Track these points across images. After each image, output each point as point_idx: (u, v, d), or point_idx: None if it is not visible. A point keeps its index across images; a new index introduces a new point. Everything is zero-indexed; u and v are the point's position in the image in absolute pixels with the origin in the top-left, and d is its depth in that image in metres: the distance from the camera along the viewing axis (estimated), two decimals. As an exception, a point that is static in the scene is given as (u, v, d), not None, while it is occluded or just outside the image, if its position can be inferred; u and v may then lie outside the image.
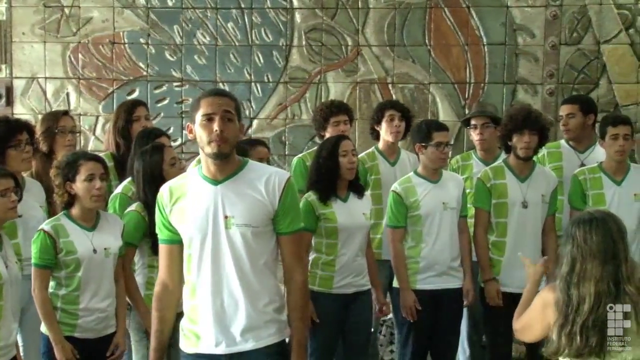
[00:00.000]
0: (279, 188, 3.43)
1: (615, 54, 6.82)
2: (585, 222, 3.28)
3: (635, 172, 5.32)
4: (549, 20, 6.92)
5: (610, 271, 3.23)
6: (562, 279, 3.26)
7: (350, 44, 7.21)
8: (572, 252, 3.26)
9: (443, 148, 5.19)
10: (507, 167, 5.31)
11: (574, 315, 3.23)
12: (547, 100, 6.93)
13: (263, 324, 3.44)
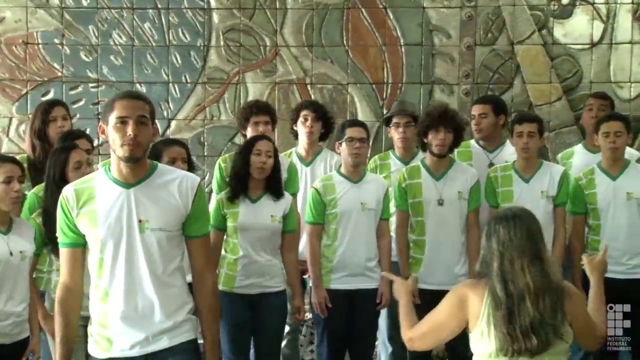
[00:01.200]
0: (192, 192, 3.44)
1: (529, 55, 6.94)
2: (507, 219, 3.31)
3: (544, 170, 5.39)
4: (464, 21, 7.01)
5: (538, 268, 3.25)
6: (496, 274, 3.26)
7: (268, 44, 7.20)
8: (499, 249, 3.28)
9: (355, 143, 5.18)
10: (423, 166, 5.35)
11: (518, 312, 3.22)
12: (463, 100, 7.02)
13: (177, 324, 3.44)
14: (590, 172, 5.36)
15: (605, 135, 5.24)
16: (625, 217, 5.22)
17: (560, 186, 5.33)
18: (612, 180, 5.28)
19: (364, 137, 5.25)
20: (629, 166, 5.33)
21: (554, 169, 5.44)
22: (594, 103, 5.91)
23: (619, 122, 5.28)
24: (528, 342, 3.21)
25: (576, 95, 6.90)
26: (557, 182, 5.34)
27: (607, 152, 5.26)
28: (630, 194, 5.22)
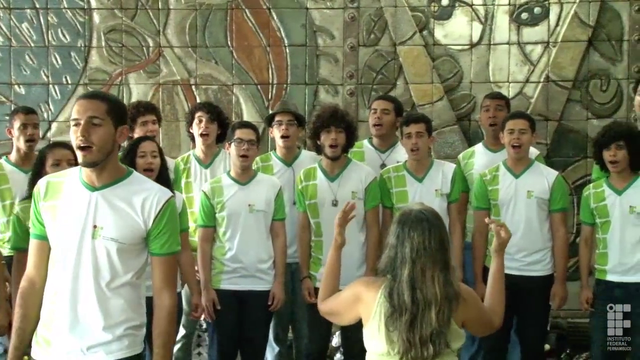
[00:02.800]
0: (156, 208, 3.30)
1: (411, 55, 7.04)
2: (421, 223, 3.29)
3: (436, 168, 5.48)
4: (347, 22, 7.06)
5: (445, 277, 3.26)
6: (406, 280, 3.24)
7: (151, 45, 7.12)
8: (412, 256, 3.25)
9: (243, 145, 5.17)
10: (319, 167, 5.38)
11: (421, 320, 3.22)
12: (347, 100, 7.07)
13: (116, 338, 3.31)
14: (495, 169, 5.46)
15: (510, 132, 5.33)
16: (524, 215, 5.33)
17: (453, 183, 5.43)
18: (514, 177, 5.38)
19: (253, 139, 5.24)
20: (532, 165, 5.44)
21: (446, 167, 5.53)
22: (490, 103, 6.00)
23: (524, 120, 5.39)
24: (425, 351, 3.22)
25: (457, 95, 7.03)
26: (450, 179, 5.44)
27: (511, 149, 5.35)
28: (531, 193, 5.33)
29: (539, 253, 5.29)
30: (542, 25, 6.91)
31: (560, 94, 6.91)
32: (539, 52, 6.92)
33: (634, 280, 5.11)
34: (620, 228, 5.14)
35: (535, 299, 5.28)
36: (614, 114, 6.79)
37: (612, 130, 5.19)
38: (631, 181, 5.17)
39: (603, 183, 5.25)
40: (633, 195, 5.14)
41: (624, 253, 5.13)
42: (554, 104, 6.91)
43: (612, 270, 5.16)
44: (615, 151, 5.10)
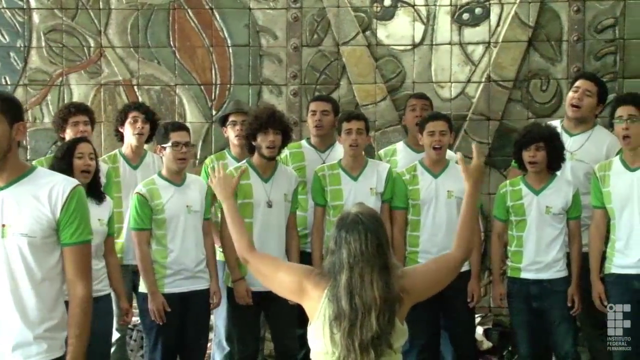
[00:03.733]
0: (62, 197, 3.27)
1: (354, 56, 7.06)
2: (357, 227, 3.25)
3: (371, 167, 5.52)
4: (291, 22, 7.06)
5: (385, 280, 3.23)
6: (344, 287, 3.20)
7: (92, 45, 7.06)
8: (349, 261, 3.21)
9: (181, 148, 5.16)
10: (251, 167, 5.36)
11: (361, 326, 3.18)
12: (291, 100, 7.08)
13: (34, 341, 3.26)
14: (413, 169, 5.50)
15: (430, 134, 5.38)
16: (445, 215, 5.39)
17: (387, 183, 5.47)
18: (434, 177, 5.44)
19: (189, 141, 5.25)
20: (449, 165, 5.50)
21: (381, 167, 5.58)
22: (416, 103, 6.06)
23: (444, 121, 5.45)
24: (365, 356, 3.20)
25: (400, 95, 7.05)
26: (384, 179, 5.48)
27: (432, 151, 5.40)
28: (451, 193, 5.39)
29: None
30: (483, 26, 6.98)
31: (501, 93, 6.98)
32: (480, 53, 6.99)
33: (548, 277, 5.25)
34: (537, 227, 5.26)
35: (458, 297, 5.33)
36: (553, 113, 6.86)
37: (533, 131, 5.29)
38: (548, 182, 5.29)
39: (520, 182, 5.34)
40: (550, 195, 5.26)
41: (539, 252, 5.25)
42: (495, 103, 6.97)
43: (527, 268, 5.27)
44: (535, 152, 5.20)
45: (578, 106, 5.63)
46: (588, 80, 5.68)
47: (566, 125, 5.69)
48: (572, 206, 5.27)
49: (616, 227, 5.15)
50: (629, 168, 5.13)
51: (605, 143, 5.58)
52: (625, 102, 5.16)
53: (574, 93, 5.66)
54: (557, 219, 5.26)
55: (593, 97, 5.62)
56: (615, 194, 5.14)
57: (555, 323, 5.25)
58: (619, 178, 5.13)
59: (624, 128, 5.05)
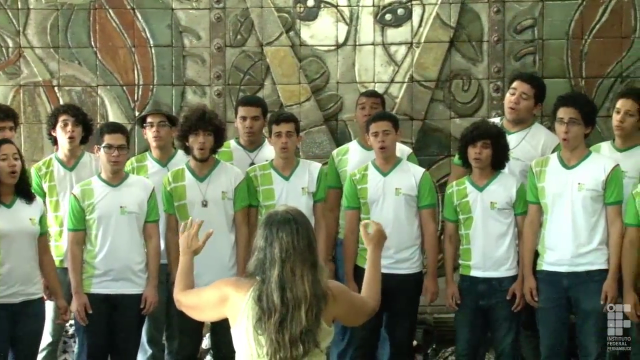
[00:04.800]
0: None
1: (278, 56, 7.05)
2: (289, 223, 3.28)
3: (302, 167, 5.56)
4: (214, 22, 7.02)
5: (314, 275, 3.26)
6: (275, 281, 3.22)
7: (11, 45, 6.94)
8: (281, 256, 3.24)
9: (113, 151, 5.17)
10: (187, 168, 5.40)
11: (291, 320, 3.21)
12: (215, 101, 7.03)
13: None
14: (364, 169, 5.55)
15: (374, 135, 5.42)
16: (392, 212, 5.43)
17: (319, 182, 5.51)
18: (382, 176, 5.48)
19: (122, 143, 5.25)
20: (399, 163, 5.55)
21: (312, 166, 5.63)
22: (366, 101, 6.09)
23: (386, 121, 5.49)
24: (295, 351, 3.22)
25: (324, 95, 7.06)
26: (316, 178, 5.52)
27: (378, 150, 5.45)
28: (399, 190, 5.44)
29: (407, 250, 5.41)
30: (405, 27, 7.02)
31: (424, 93, 7.03)
32: (403, 53, 7.03)
33: (497, 275, 5.31)
34: (483, 224, 5.32)
35: (405, 297, 5.38)
36: (475, 113, 6.93)
37: (481, 128, 5.36)
38: (492, 178, 5.35)
39: (465, 180, 5.40)
40: (494, 191, 5.33)
41: (487, 248, 5.31)
42: (418, 103, 7.02)
43: (476, 265, 5.33)
44: (481, 149, 5.26)
45: (515, 109, 5.69)
46: (524, 82, 5.74)
47: (505, 124, 5.76)
48: (517, 201, 5.34)
49: (548, 223, 5.24)
50: (566, 166, 5.23)
51: (541, 142, 5.67)
52: (565, 104, 5.23)
53: (511, 95, 5.72)
54: (503, 215, 5.33)
55: (529, 99, 5.70)
56: (549, 190, 5.22)
57: (499, 321, 5.32)
58: (555, 175, 5.22)
59: (564, 131, 5.14)
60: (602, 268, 5.13)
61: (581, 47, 6.89)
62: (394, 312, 5.39)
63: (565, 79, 6.89)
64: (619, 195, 5.15)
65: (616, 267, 5.11)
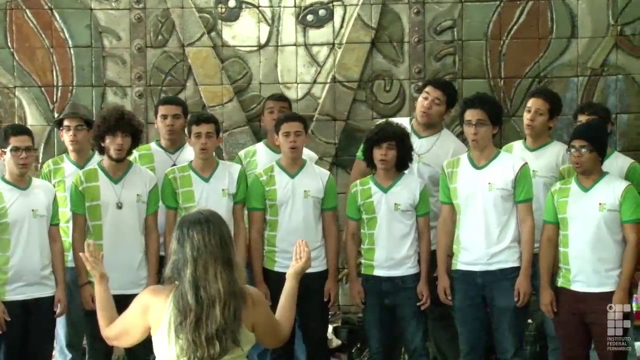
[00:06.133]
0: None
1: (200, 57, 7.02)
2: (200, 223, 3.28)
3: (222, 168, 5.53)
4: (134, 23, 6.97)
5: (228, 273, 3.25)
6: (189, 281, 3.22)
7: None
8: (193, 255, 3.23)
9: (20, 153, 5.07)
10: (100, 169, 5.33)
11: (206, 319, 3.20)
12: (136, 102, 6.99)
13: None
14: (270, 169, 5.52)
15: (285, 135, 5.41)
16: (301, 214, 5.43)
17: (239, 184, 5.48)
18: (291, 178, 5.47)
19: (29, 145, 5.15)
20: (305, 165, 5.55)
21: (232, 168, 5.60)
22: (274, 105, 6.08)
23: (299, 122, 5.49)
24: (212, 349, 3.21)
25: (247, 96, 7.07)
26: (236, 179, 5.49)
27: (288, 150, 5.44)
28: (307, 192, 5.44)
29: (316, 250, 5.41)
30: (327, 27, 7.04)
31: (346, 94, 7.06)
32: (325, 54, 7.05)
33: (400, 274, 5.36)
34: (387, 224, 5.37)
35: (314, 295, 5.39)
36: (397, 113, 6.97)
37: (386, 129, 5.40)
38: (396, 179, 5.41)
39: (370, 180, 5.45)
40: (398, 192, 5.38)
41: (391, 248, 5.36)
42: (341, 104, 7.05)
43: (379, 265, 5.38)
44: (387, 150, 5.31)
45: (427, 114, 5.74)
46: (437, 88, 5.78)
47: (415, 127, 5.80)
48: (419, 203, 5.39)
49: (461, 223, 5.30)
50: (475, 166, 5.28)
51: (451, 149, 5.73)
52: (472, 105, 5.28)
53: (424, 100, 5.75)
54: (406, 216, 5.38)
55: (442, 105, 5.74)
56: (461, 190, 5.28)
57: (406, 319, 5.37)
58: (465, 175, 5.28)
59: (473, 133, 5.20)
60: (515, 266, 5.20)
61: (500, 48, 7.00)
62: (306, 310, 5.38)
63: (485, 79, 7.00)
64: (529, 193, 5.24)
65: (528, 264, 5.19)
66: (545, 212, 5.26)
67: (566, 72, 6.98)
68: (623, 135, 6.95)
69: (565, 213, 5.12)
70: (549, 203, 5.22)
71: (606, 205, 5.05)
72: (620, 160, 5.56)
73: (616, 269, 5.06)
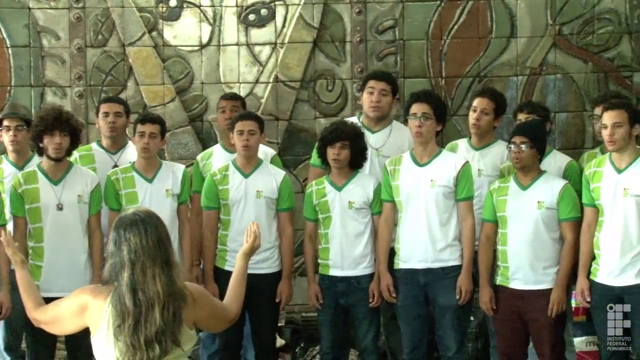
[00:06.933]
0: None
1: (141, 56, 6.97)
2: (137, 224, 3.25)
3: (165, 168, 5.52)
4: (73, 22, 6.90)
5: (167, 274, 3.23)
6: (126, 284, 3.20)
7: None
8: (131, 257, 3.20)
9: None
10: (39, 170, 5.28)
11: (145, 321, 3.18)
12: (76, 102, 6.92)
13: None
14: (225, 169, 5.52)
15: (239, 133, 5.40)
16: (253, 214, 5.40)
17: (183, 184, 5.48)
18: (244, 177, 5.46)
19: None
20: (261, 165, 5.54)
21: (175, 168, 5.60)
22: (226, 105, 6.07)
23: (252, 121, 5.48)
24: (151, 352, 3.19)
25: (189, 96, 7.04)
26: (180, 179, 5.48)
27: (240, 149, 5.43)
28: (260, 192, 5.43)
29: (267, 251, 5.42)
30: (269, 27, 7.04)
31: (289, 94, 7.06)
32: (267, 53, 7.05)
33: (355, 273, 5.39)
34: (341, 223, 5.38)
35: (265, 296, 5.39)
36: (339, 112, 7.01)
37: (339, 129, 5.40)
38: (350, 177, 5.42)
39: (324, 180, 5.46)
40: (351, 191, 5.39)
41: (345, 247, 5.38)
42: (284, 103, 7.05)
43: (334, 264, 5.40)
44: (340, 150, 5.32)
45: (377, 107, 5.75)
46: (380, 80, 5.79)
47: (366, 123, 5.80)
48: (374, 201, 5.41)
49: (403, 221, 5.33)
50: (418, 164, 5.32)
51: (406, 138, 5.72)
52: (418, 99, 5.33)
53: (370, 95, 5.75)
54: (360, 214, 5.39)
55: (388, 95, 5.75)
56: (403, 188, 5.31)
57: (359, 319, 5.40)
58: (408, 173, 5.31)
59: (417, 125, 5.24)
60: (457, 264, 5.25)
61: (440, 48, 7.06)
62: (256, 311, 5.40)
63: (426, 78, 7.05)
64: (470, 191, 5.29)
65: (469, 262, 5.25)
66: (484, 210, 5.32)
67: (506, 72, 7.06)
68: (561, 133, 7.05)
69: (504, 211, 5.18)
70: (488, 201, 5.28)
71: (544, 204, 5.12)
72: (558, 159, 5.64)
73: (554, 267, 5.15)
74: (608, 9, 7.03)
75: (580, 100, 7.06)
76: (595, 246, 5.07)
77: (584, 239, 5.11)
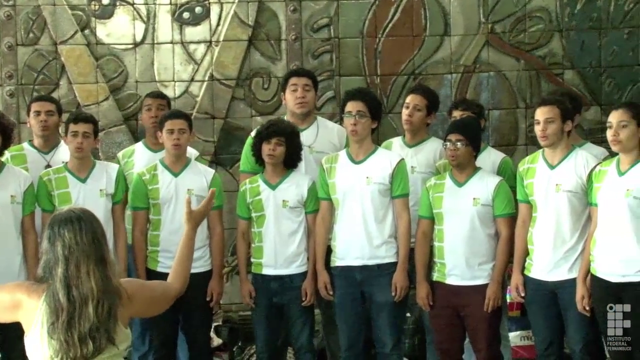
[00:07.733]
0: None
1: (73, 55, 6.89)
2: (72, 221, 3.22)
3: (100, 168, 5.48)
4: (4, 20, 6.79)
5: (102, 271, 3.20)
6: (60, 280, 3.16)
7: None
8: (65, 254, 3.17)
9: None
10: (-31, 171, 5.20)
11: (79, 318, 3.14)
12: (8, 102, 6.82)
13: None
14: (153, 168, 5.47)
15: (169, 132, 5.37)
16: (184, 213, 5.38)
17: (117, 184, 5.44)
18: (174, 176, 5.44)
19: None
20: (189, 164, 5.52)
21: (110, 167, 5.57)
22: (152, 103, 6.01)
23: (183, 119, 5.46)
24: (85, 349, 3.15)
25: (123, 94, 6.98)
26: (114, 179, 5.45)
27: (171, 147, 5.40)
28: (191, 191, 5.38)
29: (199, 250, 5.35)
30: (204, 25, 7.01)
31: (224, 92, 7.04)
32: (203, 52, 7.02)
33: (288, 272, 5.40)
34: (275, 222, 5.38)
35: (198, 296, 5.35)
36: (275, 111, 6.99)
37: (276, 126, 5.42)
38: (284, 176, 5.42)
39: (258, 178, 5.46)
40: (286, 189, 5.40)
41: (279, 246, 5.38)
42: (219, 102, 7.03)
43: (267, 263, 5.40)
44: (275, 146, 5.32)
45: (303, 102, 5.76)
46: (302, 76, 5.80)
47: (294, 121, 5.80)
48: (308, 199, 5.42)
49: (339, 218, 5.35)
50: (354, 161, 5.35)
51: (335, 129, 5.81)
52: (353, 97, 5.37)
53: (293, 92, 5.76)
54: (294, 213, 5.40)
55: (311, 90, 5.78)
56: (340, 185, 5.33)
57: (294, 318, 5.40)
58: (344, 170, 5.34)
59: (352, 123, 5.27)
60: (392, 261, 5.29)
61: (375, 46, 7.10)
62: (188, 311, 5.37)
63: (362, 76, 7.09)
64: (405, 188, 5.33)
65: (405, 259, 5.29)
66: (421, 207, 5.37)
67: (440, 69, 7.13)
68: (495, 130, 7.15)
69: (441, 208, 5.24)
70: (424, 198, 5.33)
71: (480, 200, 5.19)
72: (492, 155, 5.71)
73: (489, 263, 5.22)
74: (539, 7, 7.14)
75: (513, 97, 7.17)
76: (529, 242, 5.15)
77: (519, 234, 5.19)
